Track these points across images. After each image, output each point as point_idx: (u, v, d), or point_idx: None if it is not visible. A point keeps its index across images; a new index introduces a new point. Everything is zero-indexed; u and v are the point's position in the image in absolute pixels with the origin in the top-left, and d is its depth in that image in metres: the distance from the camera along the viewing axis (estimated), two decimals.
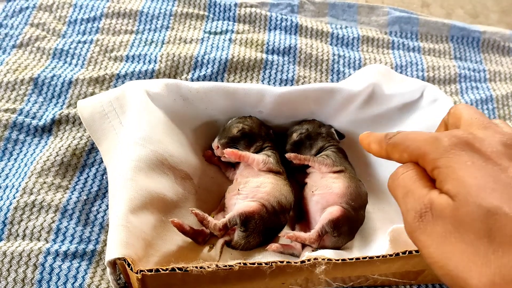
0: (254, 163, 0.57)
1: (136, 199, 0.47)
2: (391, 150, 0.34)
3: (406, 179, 0.31)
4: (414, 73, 0.82)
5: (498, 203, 0.25)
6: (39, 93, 0.67)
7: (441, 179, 0.29)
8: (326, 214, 0.53)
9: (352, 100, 0.61)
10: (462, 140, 0.29)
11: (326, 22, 0.88)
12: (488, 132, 0.30)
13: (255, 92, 0.59)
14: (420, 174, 0.31)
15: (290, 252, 0.54)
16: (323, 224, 0.52)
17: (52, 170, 0.58)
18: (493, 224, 0.25)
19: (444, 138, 0.29)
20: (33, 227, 0.53)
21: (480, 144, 0.29)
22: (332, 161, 0.58)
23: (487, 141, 0.29)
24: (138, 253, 0.44)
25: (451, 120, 0.34)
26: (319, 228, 0.52)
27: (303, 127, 0.62)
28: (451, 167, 0.28)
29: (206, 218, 0.51)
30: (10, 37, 0.73)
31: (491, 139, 0.29)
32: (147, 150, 0.52)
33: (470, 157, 0.28)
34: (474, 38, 0.89)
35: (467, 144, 0.29)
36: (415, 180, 0.30)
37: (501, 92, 0.81)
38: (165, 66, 0.73)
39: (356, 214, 0.55)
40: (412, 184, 0.30)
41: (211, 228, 0.51)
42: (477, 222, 0.26)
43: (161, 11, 0.82)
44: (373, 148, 0.37)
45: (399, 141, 0.33)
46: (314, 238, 0.52)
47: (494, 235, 0.25)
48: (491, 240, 0.25)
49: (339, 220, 0.53)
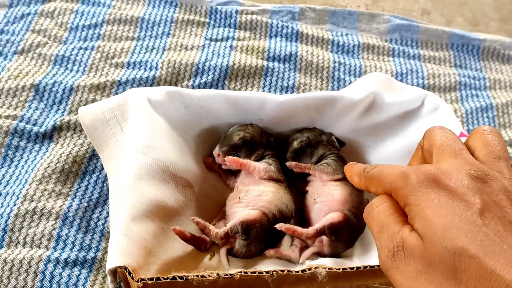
0: (255, 171, 0.57)
1: (137, 207, 0.47)
2: (368, 183, 0.35)
3: (380, 213, 0.31)
4: (414, 80, 0.82)
5: (463, 244, 0.26)
6: (40, 99, 0.67)
7: (412, 216, 0.29)
8: (329, 217, 0.54)
9: (353, 108, 0.61)
10: (430, 177, 0.29)
11: (327, 29, 0.89)
12: (457, 163, 0.30)
13: (256, 100, 0.60)
14: (393, 207, 0.31)
15: (287, 258, 0.54)
16: (324, 224, 0.53)
17: (52, 177, 0.58)
18: (459, 265, 0.25)
19: (412, 175, 0.30)
20: (33, 234, 0.53)
21: (447, 180, 0.29)
22: (333, 170, 0.58)
23: (454, 176, 0.29)
24: (139, 261, 0.44)
25: (426, 144, 0.35)
26: (318, 227, 0.53)
27: (303, 135, 0.62)
28: (419, 205, 0.28)
29: (208, 227, 0.51)
30: (11, 43, 0.73)
31: (458, 173, 0.29)
32: (148, 157, 0.52)
33: (437, 194, 0.28)
34: (474, 46, 0.90)
35: (434, 181, 0.29)
36: (388, 214, 0.31)
37: (501, 100, 0.81)
38: (166, 73, 0.73)
39: (357, 222, 0.55)
40: (386, 219, 0.31)
41: (213, 237, 0.51)
42: (444, 263, 0.26)
43: (162, 18, 0.82)
44: (354, 180, 0.38)
45: (374, 175, 0.34)
46: (311, 234, 0.52)
47: (460, 277, 0.25)
48: (458, 282, 0.25)
49: (339, 225, 0.53)
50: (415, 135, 0.62)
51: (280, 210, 0.54)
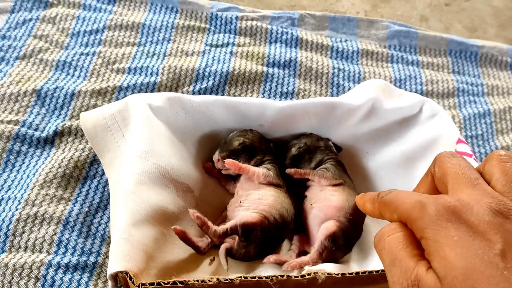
0: (255, 176, 0.57)
1: (138, 213, 0.48)
2: (382, 209, 0.33)
3: (393, 244, 0.30)
4: (413, 86, 0.83)
5: None
6: (42, 104, 0.68)
7: (429, 252, 0.27)
8: (323, 230, 0.54)
9: (352, 115, 0.62)
10: (450, 210, 0.28)
11: (326, 35, 0.89)
12: (476, 194, 0.29)
13: (256, 106, 0.60)
14: (408, 238, 0.29)
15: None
16: (321, 240, 0.53)
17: (54, 182, 0.59)
18: None
19: (431, 206, 0.28)
20: (35, 239, 0.54)
21: (468, 214, 0.27)
22: (331, 174, 0.59)
23: (475, 210, 0.27)
24: (140, 266, 0.44)
25: (438, 172, 0.33)
26: (319, 246, 0.53)
27: (301, 141, 0.62)
28: (438, 242, 0.27)
29: (207, 223, 0.51)
30: (13, 49, 0.74)
31: (479, 207, 0.27)
32: (149, 163, 0.52)
33: (457, 230, 0.27)
34: (472, 52, 0.90)
35: (454, 214, 0.27)
36: (402, 247, 0.29)
37: (499, 106, 0.82)
38: (167, 79, 0.74)
39: (353, 227, 0.56)
40: (399, 252, 0.29)
41: (211, 234, 0.51)
42: None
43: (163, 24, 0.83)
44: (367, 208, 0.36)
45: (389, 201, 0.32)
46: (316, 258, 0.53)
47: None
48: None
49: (335, 234, 0.54)
50: (414, 141, 0.62)
51: (281, 214, 0.54)
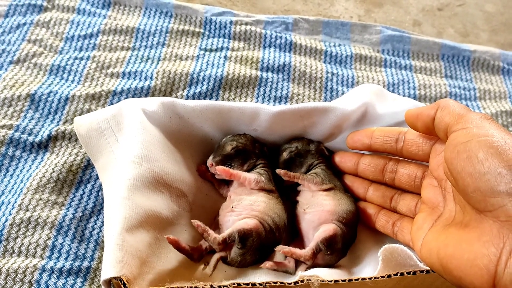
0: (246, 182, 0.57)
1: (132, 218, 0.48)
2: None
3: None
4: (406, 91, 0.83)
5: None
6: (36, 109, 0.68)
7: None
8: (320, 232, 0.54)
9: (346, 119, 0.62)
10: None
11: (320, 40, 0.90)
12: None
13: (250, 111, 0.60)
14: None
15: (283, 270, 0.54)
16: (317, 242, 0.53)
17: (48, 186, 0.59)
18: None
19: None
20: (28, 243, 0.54)
21: None
22: (321, 179, 0.59)
23: None
24: (133, 272, 0.44)
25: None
26: (314, 246, 0.53)
27: (292, 145, 0.62)
28: None
29: (207, 231, 0.51)
30: (7, 53, 0.74)
31: None
32: (143, 168, 0.52)
33: None
34: (465, 57, 0.91)
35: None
36: None
37: (491, 110, 0.83)
38: (161, 83, 0.74)
39: (349, 231, 0.56)
40: None
41: (211, 241, 0.51)
42: None
43: (157, 28, 0.83)
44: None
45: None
46: (309, 255, 0.53)
47: None
48: None
49: (333, 238, 0.53)
50: None
51: (273, 219, 0.54)
